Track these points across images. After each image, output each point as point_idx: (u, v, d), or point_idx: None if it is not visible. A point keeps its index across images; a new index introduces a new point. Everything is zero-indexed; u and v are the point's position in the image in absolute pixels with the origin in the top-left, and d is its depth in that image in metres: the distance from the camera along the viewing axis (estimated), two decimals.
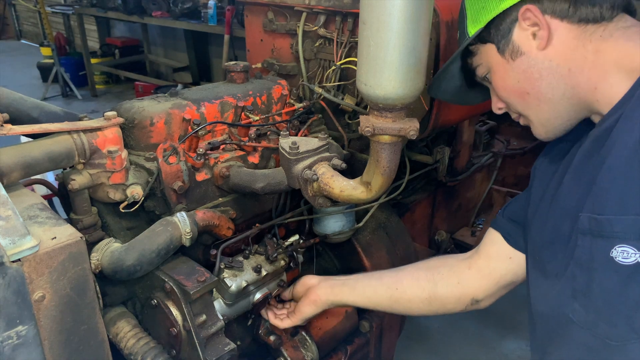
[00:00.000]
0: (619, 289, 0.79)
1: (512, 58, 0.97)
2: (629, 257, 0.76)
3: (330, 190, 1.26)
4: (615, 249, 0.77)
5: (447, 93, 1.23)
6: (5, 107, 1.26)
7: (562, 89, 0.95)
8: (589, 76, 0.90)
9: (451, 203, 2.29)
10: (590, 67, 0.90)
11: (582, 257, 0.84)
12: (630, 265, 0.76)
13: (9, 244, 0.84)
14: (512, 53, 0.97)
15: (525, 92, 0.99)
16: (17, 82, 7.29)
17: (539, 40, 0.93)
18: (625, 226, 0.76)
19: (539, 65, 0.95)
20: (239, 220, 1.53)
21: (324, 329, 1.58)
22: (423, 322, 2.75)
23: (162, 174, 1.35)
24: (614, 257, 0.77)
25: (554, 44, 0.92)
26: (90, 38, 7.86)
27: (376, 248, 1.75)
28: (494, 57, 1.01)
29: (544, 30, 0.92)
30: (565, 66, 0.92)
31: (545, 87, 0.96)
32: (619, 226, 0.77)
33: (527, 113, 1.03)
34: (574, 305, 0.86)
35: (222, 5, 5.28)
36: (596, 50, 0.89)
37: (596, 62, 0.89)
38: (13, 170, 1.13)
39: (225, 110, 1.54)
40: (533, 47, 0.94)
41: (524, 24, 0.94)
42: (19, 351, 0.87)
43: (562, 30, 0.91)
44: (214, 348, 1.26)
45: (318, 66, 1.80)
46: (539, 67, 0.95)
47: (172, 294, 1.24)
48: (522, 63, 0.96)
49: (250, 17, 1.99)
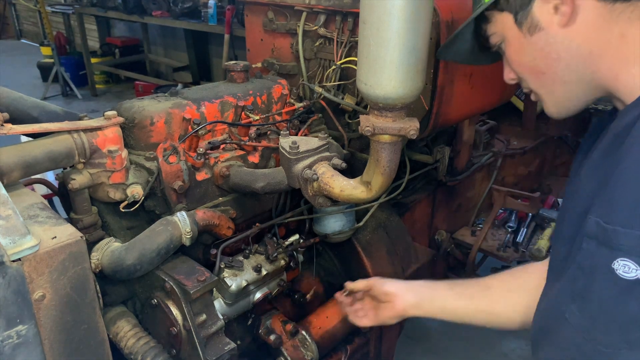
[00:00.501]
0: (617, 301, 0.77)
1: (529, 32, 0.90)
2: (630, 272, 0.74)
3: (330, 189, 1.26)
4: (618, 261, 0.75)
5: (458, 54, 1.18)
6: (5, 107, 1.26)
7: (580, 72, 0.89)
8: (611, 63, 0.84)
9: (451, 203, 2.29)
10: (613, 52, 0.83)
11: (584, 262, 0.82)
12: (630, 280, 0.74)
13: (9, 244, 0.84)
14: (531, 27, 0.90)
15: (540, 71, 0.93)
16: (17, 82, 7.29)
17: (561, 16, 0.85)
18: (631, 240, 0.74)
19: (557, 45, 0.88)
20: (239, 220, 1.53)
21: (324, 329, 1.58)
22: (423, 322, 2.75)
23: (162, 174, 1.35)
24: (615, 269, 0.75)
25: (577, 21, 0.85)
26: (90, 37, 7.85)
27: (376, 248, 1.75)
28: (510, 28, 0.94)
29: (567, 4, 0.84)
30: (587, 48, 0.86)
31: (562, 68, 0.90)
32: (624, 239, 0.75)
33: (540, 92, 0.98)
34: (571, 306, 0.85)
35: (222, 5, 5.28)
36: (622, 34, 0.82)
37: (620, 47, 0.82)
38: (13, 169, 1.13)
39: (226, 109, 1.54)
40: (554, 23, 0.87)
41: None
42: (19, 350, 0.87)
43: (588, 7, 0.83)
44: (214, 347, 1.26)
45: (318, 66, 1.80)
46: (557, 46, 0.88)
47: (172, 293, 1.24)
48: (540, 39, 0.90)
49: (250, 16, 1.99)
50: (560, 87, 0.93)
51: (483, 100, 1.86)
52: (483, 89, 1.77)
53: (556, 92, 0.95)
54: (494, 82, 1.82)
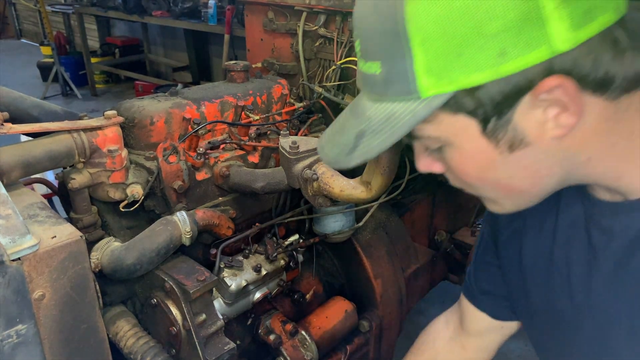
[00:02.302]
0: None
1: (509, 149, 0.64)
2: None
3: (330, 189, 1.26)
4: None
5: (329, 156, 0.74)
6: (5, 106, 1.26)
7: (568, 180, 0.70)
8: (615, 165, 0.66)
9: (451, 203, 2.29)
10: (619, 154, 0.65)
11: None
12: None
13: (9, 243, 0.84)
14: (512, 143, 0.63)
15: (518, 189, 0.70)
16: (17, 81, 7.28)
17: (560, 128, 0.61)
18: None
19: (550, 160, 0.65)
20: (238, 220, 1.53)
21: (324, 329, 1.58)
22: (423, 322, 2.74)
23: (162, 173, 1.35)
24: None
25: (576, 129, 0.62)
26: (90, 37, 7.84)
27: (376, 248, 1.75)
28: (469, 138, 0.65)
29: (572, 114, 0.60)
30: (585, 155, 0.66)
31: (551, 184, 0.70)
32: None
33: (501, 201, 0.76)
34: None
35: (222, 5, 5.27)
36: (630, 133, 0.64)
37: (628, 146, 0.65)
38: (13, 169, 1.13)
39: (225, 109, 1.54)
40: (547, 136, 0.62)
41: (539, 101, 0.59)
42: (18, 350, 0.87)
43: (592, 110, 0.61)
44: (214, 347, 1.26)
45: (318, 66, 1.80)
46: (550, 161, 0.65)
47: (172, 293, 1.24)
48: (525, 157, 0.64)
49: (250, 16, 1.99)
50: (527, 196, 0.73)
51: None
52: None
53: (519, 201, 0.74)
54: None
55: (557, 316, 0.85)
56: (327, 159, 0.72)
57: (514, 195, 0.72)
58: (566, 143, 0.64)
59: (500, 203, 0.76)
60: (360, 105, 0.68)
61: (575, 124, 0.61)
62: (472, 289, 1.07)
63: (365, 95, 0.68)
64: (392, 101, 0.63)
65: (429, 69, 0.59)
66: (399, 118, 0.63)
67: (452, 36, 0.57)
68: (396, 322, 1.86)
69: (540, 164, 0.66)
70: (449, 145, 0.68)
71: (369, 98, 0.67)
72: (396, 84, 0.62)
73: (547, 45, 0.56)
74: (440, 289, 2.28)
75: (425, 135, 0.68)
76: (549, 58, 0.56)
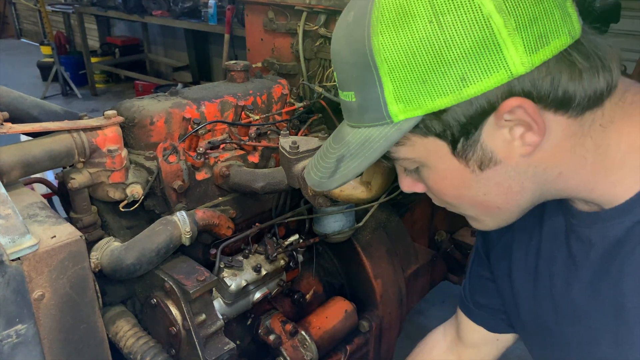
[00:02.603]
0: None
1: (479, 168, 0.68)
2: None
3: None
4: None
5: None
6: (5, 106, 1.26)
7: (543, 195, 0.73)
8: (587, 178, 0.69)
9: None
10: (589, 167, 0.68)
11: None
12: None
13: (9, 243, 0.84)
14: (482, 162, 0.67)
15: (493, 206, 0.73)
16: (17, 81, 7.28)
17: (526, 146, 0.64)
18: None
19: (520, 176, 0.68)
20: (238, 220, 1.53)
21: (324, 329, 1.58)
22: (423, 322, 2.74)
23: (162, 173, 1.35)
24: None
25: (543, 146, 0.65)
26: (90, 37, 7.85)
27: (376, 248, 1.75)
28: (441, 158, 0.69)
29: (536, 133, 0.63)
30: (556, 171, 0.68)
31: (525, 199, 0.72)
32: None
33: (480, 218, 0.79)
34: None
35: (223, 5, 5.28)
36: (597, 146, 0.67)
37: (597, 160, 0.67)
38: (13, 168, 1.13)
39: (226, 109, 1.54)
40: (515, 154, 0.66)
41: (504, 121, 0.63)
42: (18, 350, 0.87)
43: (557, 127, 0.64)
44: (214, 347, 1.26)
45: (318, 65, 1.80)
46: (520, 177, 0.68)
47: (172, 293, 1.24)
48: (496, 174, 0.68)
49: (250, 16, 1.99)
50: (506, 213, 0.75)
51: None
52: None
53: (498, 217, 0.77)
54: None
55: (544, 329, 0.87)
56: (312, 182, 0.78)
57: (491, 212, 0.75)
58: (535, 160, 0.67)
59: (481, 220, 0.79)
60: (342, 131, 0.74)
61: (540, 142, 0.64)
62: (467, 303, 1.09)
63: (345, 122, 0.74)
64: (367, 127, 0.69)
65: (397, 96, 0.63)
66: (373, 142, 0.68)
67: (416, 65, 0.61)
68: (396, 322, 1.86)
69: (511, 181, 0.69)
70: (425, 166, 0.72)
71: (348, 124, 0.73)
72: (370, 111, 0.67)
73: (504, 69, 0.59)
74: (440, 289, 2.28)
75: (401, 157, 0.72)
76: (508, 81, 0.60)
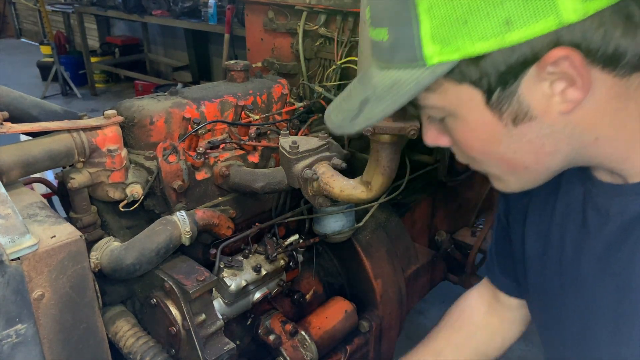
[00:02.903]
0: None
1: (513, 122, 0.63)
2: None
3: (330, 189, 1.26)
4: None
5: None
6: (4, 106, 1.26)
7: (574, 160, 0.68)
8: (624, 146, 0.64)
9: (451, 203, 2.29)
10: (628, 134, 0.63)
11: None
12: None
13: (9, 243, 0.84)
14: (517, 116, 0.62)
15: (522, 165, 0.69)
16: (17, 81, 7.28)
17: (567, 103, 0.60)
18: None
19: (555, 135, 0.63)
20: (238, 220, 1.53)
21: (324, 329, 1.58)
22: (423, 322, 2.74)
23: (162, 173, 1.35)
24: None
25: (584, 105, 0.60)
26: (90, 37, 7.84)
27: (376, 248, 1.75)
28: (473, 109, 0.64)
29: (580, 89, 0.59)
30: (593, 135, 0.64)
31: (556, 161, 0.68)
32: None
33: (505, 177, 0.74)
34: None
35: (223, 4, 5.27)
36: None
37: (637, 129, 0.63)
38: (12, 168, 1.12)
39: (225, 109, 1.54)
40: (553, 110, 0.61)
41: (546, 74, 0.58)
42: (18, 350, 0.87)
43: (601, 86, 0.59)
44: (213, 347, 1.26)
45: (318, 65, 1.80)
46: (555, 137, 0.64)
47: (172, 293, 1.24)
48: (529, 131, 0.63)
49: (250, 16, 1.99)
50: (533, 173, 0.71)
51: None
52: None
53: (524, 178, 0.73)
54: None
55: (548, 294, 0.86)
56: (332, 125, 0.72)
57: (518, 172, 0.71)
58: (574, 119, 0.62)
59: (504, 180, 0.75)
60: (368, 73, 0.69)
61: (582, 99, 0.60)
62: (493, 269, 1.07)
63: (373, 64, 0.68)
64: (397, 68, 0.63)
65: (434, 35, 0.58)
66: (403, 85, 0.62)
67: (459, 3, 0.56)
68: (396, 322, 1.85)
69: (545, 140, 0.64)
70: (454, 117, 0.68)
71: (376, 66, 0.67)
72: (402, 51, 0.62)
73: (554, 15, 0.54)
74: (440, 289, 2.28)
75: (429, 105, 0.68)
76: (557, 29, 0.55)
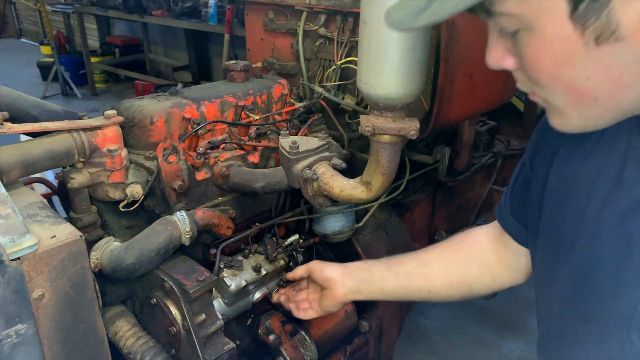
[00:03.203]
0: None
1: (595, 40, 0.55)
2: None
3: (330, 189, 1.26)
4: None
5: None
6: (5, 106, 1.26)
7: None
8: None
9: (451, 203, 2.29)
10: None
11: None
12: None
13: (9, 243, 0.84)
14: (602, 33, 0.54)
15: (592, 96, 0.61)
16: (17, 81, 7.27)
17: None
18: None
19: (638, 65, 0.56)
20: (238, 220, 1.53)
21: (323, 329, 1.58)
22: (423, 322, 2.74)
23: (162, 173, 1.35)
24: None
25: None
26: (90, 37, 7.84)
27: (376, 248, 1.75)
28: (552, 21, 0.57)
29: None
30: None
31: (630, 98, 0.60)
32: None
33: (566, 111, 0.66)
34: None
35: (223, 5, 5.28)
36: None
37: None
38: (13, 168, 1.13)
39: (226, 109, 1.54)
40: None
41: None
42: (18, 350, 0.87)
43: None
44: (213, 347, 1.26)
45: (318, 65, 1.80)
46: (637, 67, 0.56)
47: (172, 293, 1.24)
48: (611, 54, 0.56)
49: (250, 16, 1.99)
50: (600, 109, 0.63)
51: (483, 100, 1.86)
52: (484, 89, 1.77)
53: (593, 116, 0.65)
54: (495, 83, 1.81)
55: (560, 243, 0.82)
56: (392, 21, 0.65)
57: (584, 104, 0.63)
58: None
59: (565, 115, 0.67)
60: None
61: None
62: (504, 210, 1.04)
63: None
64: None
65: None
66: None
67: None
68: (396, 322, 1.86)
69: (625, 68, 0.56)
70: (528, 29, 0.60)
71: None
72: None
73: None
74: None
75: (505, 11, 0.60)
76: None
